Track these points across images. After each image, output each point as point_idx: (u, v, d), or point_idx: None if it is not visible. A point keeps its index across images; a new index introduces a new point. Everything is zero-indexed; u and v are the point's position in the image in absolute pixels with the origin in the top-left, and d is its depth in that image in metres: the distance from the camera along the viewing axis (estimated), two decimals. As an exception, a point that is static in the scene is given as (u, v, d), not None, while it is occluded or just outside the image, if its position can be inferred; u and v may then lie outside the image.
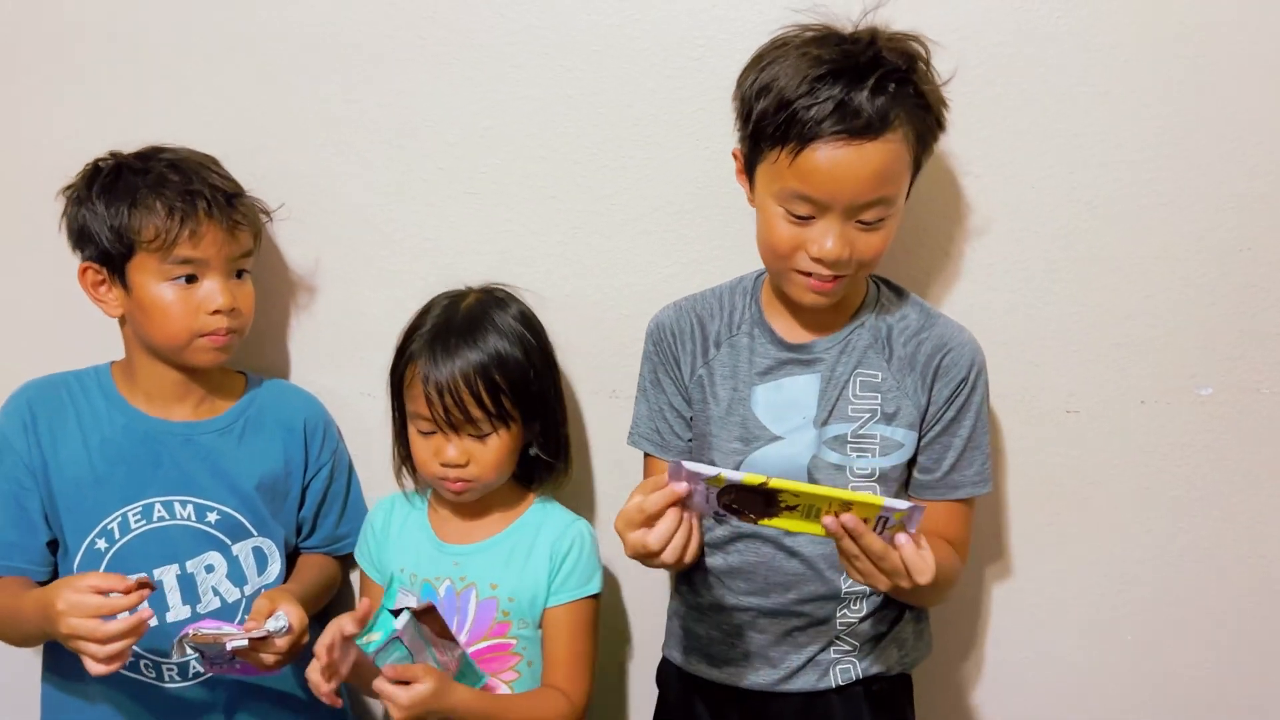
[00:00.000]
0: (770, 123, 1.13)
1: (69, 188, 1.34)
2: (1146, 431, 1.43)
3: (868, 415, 1.24)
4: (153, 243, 1.28)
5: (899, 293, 1.30)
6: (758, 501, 1.03)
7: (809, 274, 1.17)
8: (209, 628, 1.20)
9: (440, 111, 1.44)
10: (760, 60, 1.17)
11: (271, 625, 1.21)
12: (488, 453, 1.29)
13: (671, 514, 1.04)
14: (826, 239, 1.14)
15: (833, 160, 1.11)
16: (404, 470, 1.39)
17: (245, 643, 1.20)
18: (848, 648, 1.29)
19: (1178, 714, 1.50)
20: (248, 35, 1.45)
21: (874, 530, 1.03)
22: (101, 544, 1.32)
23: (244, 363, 1.48)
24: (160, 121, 1.44)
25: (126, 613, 1.15)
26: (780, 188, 1.15)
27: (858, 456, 1.24)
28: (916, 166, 1.18)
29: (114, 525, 1.32)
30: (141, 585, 1.17)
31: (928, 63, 1.16)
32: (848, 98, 1.09)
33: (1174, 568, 1.47)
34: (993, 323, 1.40)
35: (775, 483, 1.01)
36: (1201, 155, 1.35)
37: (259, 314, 1.45)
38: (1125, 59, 1.33)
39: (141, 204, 1.28)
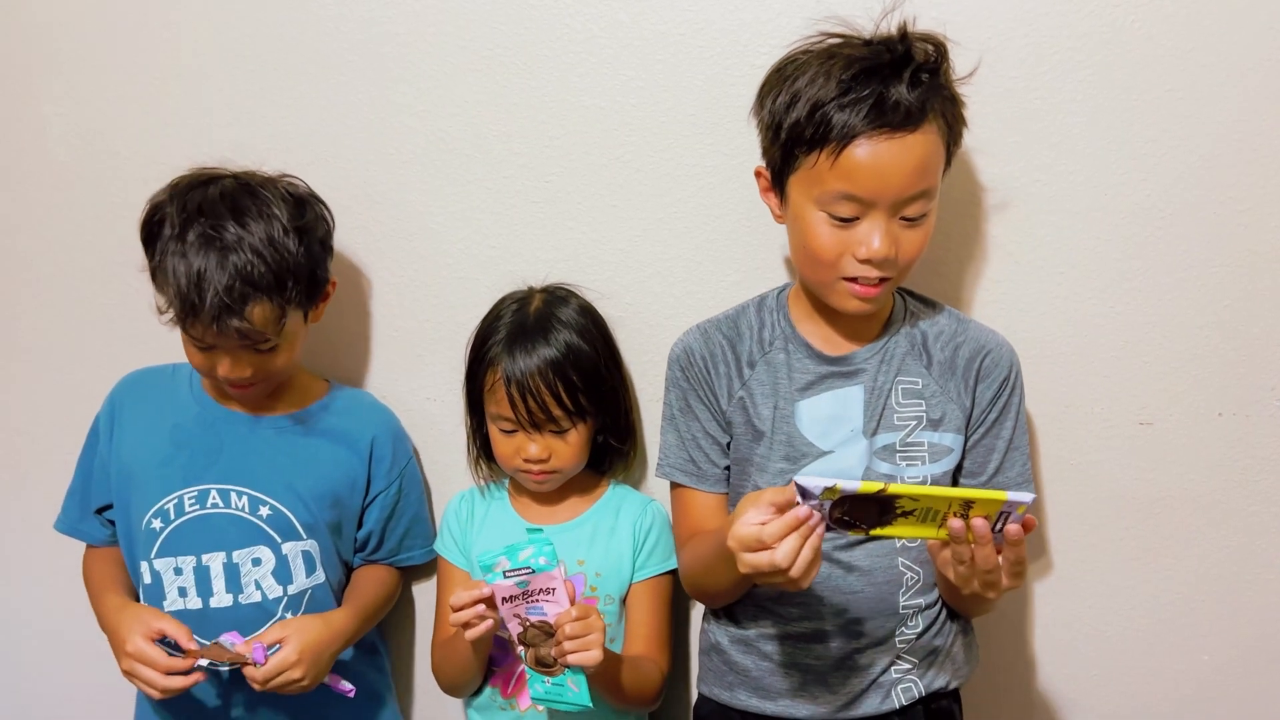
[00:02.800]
0: (805, 128, 1.13)
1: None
2: (1223, 444, 1.40)
3: (914, 423, 1.23)
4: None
5: (926, 301, 1.30)
6: (871, 511, 1.01)
7: (854, 279, 1.17)
8: (225, 640, 1.29)
9: (505, 122, 1.46)
10: (782, 74, 1.18)
11: (250, 654, 1.27)
12: (567, 447, 1.35)
13: (795, 534, 1.01)
14: (873, 237, 1.14)
15: (876, 155, 1.11)
16: (480, 464, 1.44)
17: (223, 665, 1.28)
18: (908, 665, 1.26)
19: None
20: (322, 50, 1.48)
21: (994, 526, 1.01)
22: (157, 524, 1.37)
23: (313, 368, 1.50)
24: (234, 132, 1.48)
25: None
26: (821, 191, 1.15)
27: (907, 465, 1.23)
28: (947, 159, 1.19)
29: (170, 506, 1.36)
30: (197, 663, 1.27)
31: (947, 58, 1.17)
32: (886, 92, 1.10)
33: (1252, 585, 1.43)
34: (1063, 332, 1.38)
35: (894, 488, 0.99)
36: (1283, 161, 1.32)
37: (327, 320, 1.47)
38: (1202, 63, 1.30)
39: (160, 276, 1.28)
